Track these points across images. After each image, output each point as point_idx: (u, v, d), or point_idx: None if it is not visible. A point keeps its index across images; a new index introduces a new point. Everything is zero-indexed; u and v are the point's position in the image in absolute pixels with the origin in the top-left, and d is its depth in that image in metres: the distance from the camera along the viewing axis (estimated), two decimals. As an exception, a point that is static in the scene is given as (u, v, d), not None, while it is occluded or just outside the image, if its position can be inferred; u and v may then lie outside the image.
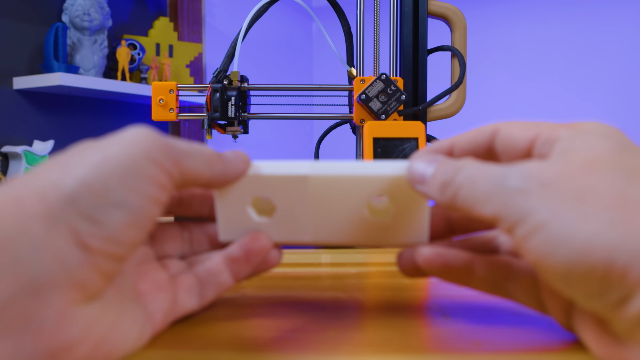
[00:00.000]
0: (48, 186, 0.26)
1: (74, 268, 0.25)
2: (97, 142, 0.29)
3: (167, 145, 0.29)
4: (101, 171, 0.27)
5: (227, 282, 0.36)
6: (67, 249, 0.25)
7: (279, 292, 0.44)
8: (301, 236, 0.36)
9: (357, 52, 0.84)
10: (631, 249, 0.25)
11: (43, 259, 0.24)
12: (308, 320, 0.36)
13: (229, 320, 0.36)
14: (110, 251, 0.26)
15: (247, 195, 0.36)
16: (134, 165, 0.27)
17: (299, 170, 0.36)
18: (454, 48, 0.84)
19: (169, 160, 0.29)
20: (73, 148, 0.29)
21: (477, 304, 0.39)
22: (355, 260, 0.62)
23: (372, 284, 0.48)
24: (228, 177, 0.34)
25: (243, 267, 0.36)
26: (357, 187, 0.36)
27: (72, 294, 0.25)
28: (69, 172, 0.27)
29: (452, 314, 0.37)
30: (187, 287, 0.35)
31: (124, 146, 0.28)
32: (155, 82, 0.79)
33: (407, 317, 0.36)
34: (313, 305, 0.40)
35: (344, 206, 0.36)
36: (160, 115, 0.79)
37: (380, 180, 0.35)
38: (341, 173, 0.35)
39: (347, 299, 0.42)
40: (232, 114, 0.78)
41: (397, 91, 0.77)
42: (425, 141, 0.75)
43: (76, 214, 0.26)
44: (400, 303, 0.41)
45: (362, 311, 0.39)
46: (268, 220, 0.36)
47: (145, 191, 0.28)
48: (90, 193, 0.26)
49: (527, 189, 0.27)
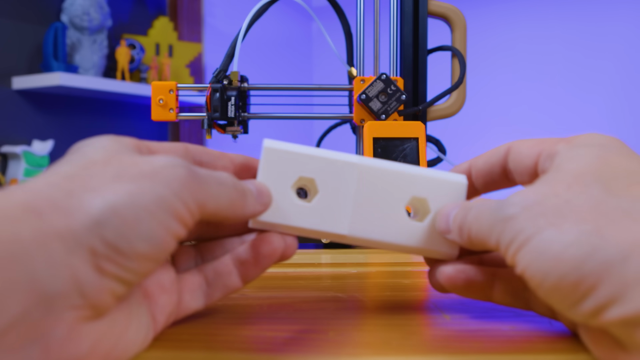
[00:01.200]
0: (74, 206, 0.26)
1: (89, 289, 0.25)
2: (125, 162, 0.29)
3: (196, 186, 0.29)
4: (134, 201, 0.26)
5: (235, 284, 0.36)
6: (84, 270, 0.25)
7: (279, 292, 0.44)
8: (337, 227, 0.36)
9: (357, 52, 0.84)
10: (602, 260, 0.26)
11: (59, 277, 0.24)
12: (308, 320, 0.36)
13: (229, 321, 0.36)
14: (125, 278, 0.26)
15: (292, 174, 0.36)
16: (165, 202, 0.27)
17: (349, 158, 0.36)
18: (454, 48, 0.84)
19: (195, 203, 0.29)
20: (93, 159, 0.29)
21: (476, 304, 0.39)
22: (355, 260, 0.62)
23: (372, 284, 0.48)
24: (243, 218, 0.34)
25: (252, 269, 0.35)
26: (401, 182, 0.36)
27: (84, 312, 0.25)
28: (98, 194, 0.26)
29: (451, 314, 0.37)
30: (193, 288, 0.35)
31: (159, 180, 0.28)
32: (154, 82, 0.79)
33: (407, 317, 0.36)
34: (313, 305, 0.40)
35: (385, 200, 0.36)
36: (159, 115, 0.79)
37: (424, 180, 0.36)
38: (389, 167, 0.36)
39: (347, 299, 0.42)
40: (232, 114, 0.78)
41: (397, 91, 0.77)
42: (425, 141, 0.75)
43: (99, 239, 0.25)
44: (400, 303, 0.41)
45: (362, 311, 0.39)
46: (307, 205, 0.36)
47: (170, 227, 0.28)
48: (119, 221, 0.26)
49: (515, 215, 0.29)
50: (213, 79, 0.79)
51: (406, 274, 0.53)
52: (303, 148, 0.36)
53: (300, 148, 0.36)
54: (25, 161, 2.01)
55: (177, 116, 0.80)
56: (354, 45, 0.86)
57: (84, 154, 0.29)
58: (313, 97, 0.82)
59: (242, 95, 0.79)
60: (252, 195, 0.34)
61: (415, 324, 0.35)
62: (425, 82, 0.85)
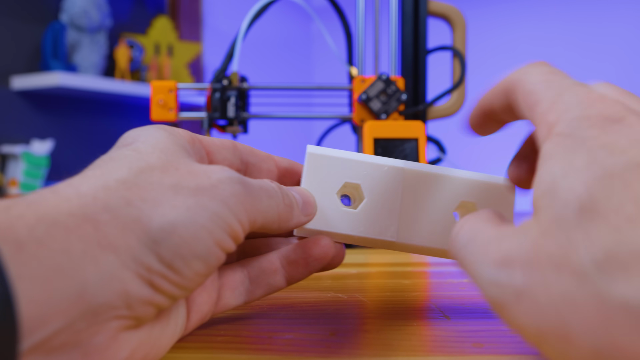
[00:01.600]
0: (132, 218, 0.25)
1: (137, 303, 0.25)
2: (183, 171, 0.28)
3: (250, 202, 0.29)
4: (192, 219, 0.26)
5: (280, 283, 0.35)
6: (136, 286, 0.25)
7: (279, 292, 0.44)
8: (384, 233, 0.35)
9: (357, 52, 0.84)
10: None
11: (109, 290, 0.24)
12: (308, 321, 0.36)
13: (228, 320, 0.36)
14: (175, 294, 0.26)
15: (338, 180, 0.35)
16: (222, 220, 0.27)
17: (395, 163, 0.35)
18: (454, 48, 0.84)
19: (247, 220, 0.29)
20: (150, 164, 0.28)
21: (478, 305, 0.39)
22: (355, 260, 0.62)
23: (372, 285, 0.48)
24: (287, 229, 0.33)
25: (299, 270, 0.35)
26: (449, 187, 0.35)
27: (127, 322, 0.25)
28: (157, 208, 0.26)
29: (452, 315, 0.37)
30: (234, 285, 0.34)
31: (216, 196, 0.27)
32: (154, 82, 0.78)
33: (408, 318, 0.36)
34: (313, 305, 0.40)
35: (433, 206, 0.35)
36: (159, 115, 0.79)
37: (473, 184, 0.35)
38: (435, 171, 0.35)
39: (347, 299, 0.42)
40: (232, 114, 0.78)
41: (397, 91, 0.77)
42: (425, 141, 0.75)
43: (155, 257, 0.25)
44: (401, 304, 0.41)
45: (362, 312, 0.39)
46: (353, 212, 0.35)
47: (224, 244, 0.27)
48: (177, 240, 0.25)
49: None
50: (213, 79, 0.79)
51: (406, 274, 0.53)
52: (346, 153, 0.35)
53: (344, 153, 0.35)
54: (24, 161, 2.01)
55: (177, 116, 0.80)
56: (354, 45, 0.86)
57: (140, 154, 0.28)
58: (313, 97, 0.82)
59: (242, 95, 0.79)
60: (298, 207, 0.33)
61: (415, 325, 0.35)
62: (425, 82, 0.85)
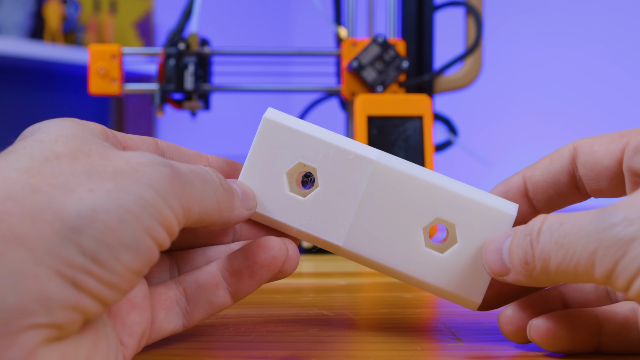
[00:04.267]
0: (46, 206, 0.25)
1: (58, 307, 0.25)
2: (96, 156, 0.28)
3: (181, 187, 0.29)
4: (116, 202, 0.26)
5: (223, 300, 0.35)
6: (54, 285, 0.25)
7: (248, 308, 0.44)
8: (330, 234, 0.36)
9: (347, 8, 0.84)
10: None
11: (23, 291, 0.24)
12: (285, 344, 0.36)
13: (185, 345, 0.35)
14: (104, 296, 0.26)
15: (290, 157, 0.35)
16: (150, 204, 0.27)
17: (365, 152, 0.35)
18: (468, 3, 0.84)
19: (180, 207, 0.29)
20: (56, 152, 0.28)
21: (495, 324, 0.39)
22: (344, 269, 0.62)
23: (365, 299, 0.48)
24: (229, 223, 0.33)
25: (245, 282, 0.35)
26: (427, 196, 0.35)
27: (47, 332, 0.25)
28: (73, 194, 0.26)
29: (465, 336, 0.37)
30: (168, 304, 0.34)
31: (138, 178, 0.27)
32: (93, 45, 0.78)
33: (410, 341, 0.36)
34: (291, 325, 0.40)
35: (400, 214, 0.35)
36: (99, 88, 0.78)
37: (458, 200, 0.35)
38: (414, 172, 0.35)
39: (334, 317, 0.42)
40: (190, 86, 0.77)
41: (397, 57, 0.77)
42: (431, 120, 0.75)
43: (77, 249, 0.25)
44: (401, 323, 0.41)
45: (352, 333, 0.39)
46: (300, 200, 0.36)
47: (156, 235, 0.27)
48: (100, 226, 0.26)
49: (637, 234, 0.27)
50: (167, 43, 0.78)
51: (408, 286, 0.53)
52: (312, 128, 0.35)
53: (308, 127, 0.35)
54: None
55: (122, 88, 0.79)
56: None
57: (43, 143, 0.29)
58: (292, 64, 0.82)
59: (202, 63, 0.79)
60: (239, 196, 0.34)
61: (420, 350, 0.35)
62: (432, 46, 0.85)
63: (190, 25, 0.79)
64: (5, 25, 2.18)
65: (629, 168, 0.33)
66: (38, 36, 2.35)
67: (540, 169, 0.36)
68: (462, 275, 0.35)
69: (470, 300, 0.35)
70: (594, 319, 0.33)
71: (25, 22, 2.24)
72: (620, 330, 0.33)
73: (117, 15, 2.54)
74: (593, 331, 0.33)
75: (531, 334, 0.33)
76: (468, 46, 0.83)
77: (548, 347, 0.33)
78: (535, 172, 0.37)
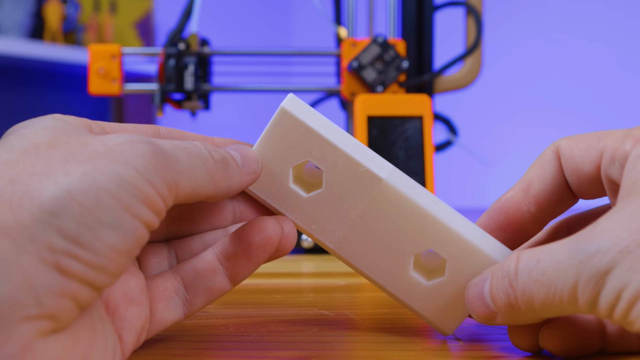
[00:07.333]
0: (23, 194, 0.25)
1: (47, 296, 0.25)
2: (73, 143, 0.28)
3: (163, 162, 0.29)
4: (92, 183, 0.26)
5: (222, 285, 0.35)
6: (40, 272, 0.25)
7: (248, 309, 0.44)
8: (325, 235, 0.36)
9: (347, 9, 0.84)
10: None
11: (9, 281, 0.24)
12: (285, 345, 0.36)
13: (185, 345, 0.36)
14: (92, 279, 0.26)
15: (301, 153, 0.35)
16: (128, 182, 0.27)
17: (377, 168, 0.35)
18: (468, 3, 0.84)
19: (164, 183, 0.29)
20: (34, 142, 0.28)
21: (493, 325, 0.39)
22: (344, 269, 0.62)
23: (365, 299, 0.48)
24: (229, 193, 0.33)
25: (242, 265, 0.35)
26: (426, 226, 0.35)
27: (41, 325, 0.25)
28: (49, 179, 0.26)
29: (465, 337, 0.37)
30: (167, 295, 0.34)
31: (115, 158, 0.27)
32: (93, 45, 0.78)
33: (410, 341, 0.36)
34: (291, 326, 0.40)
35: (394, 237, 0.36)
36: (99, 88, 0.78)
37: (455, 238, 0.35)
38: (418, 201, 0.35)
39: (333, 317, 0.42)
40: (190, 86, 0.77)
41: (397, 57, 0.77)
42: (431, 120, 0.75)
43: (57, 232, 0.25)
44: (401, 323, 0.41)
45: (353, 333, 0.39)
46: (302, 195, 0.36)
47: (138, 213, 0.27)
48: (77, 208, 0.26)
49: (612, 264, 0.28)
50: (167, 43, 0.78)
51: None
52: (326, 127, 0.35)
53: (323, 125, 0.35)
54: None
55: (122, 88, 0.79)
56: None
57: (22, 136, 0.29)
58: (292, 64, 0.82)
59: (202, 63, 0.79)
60: (236, 163, 0.33)
61: (420, 350, 0.35)
62: (432, 46, 0.85)
63: (190, 25, 0.79)
64: (5, 25, 2.18)
65: (606, 176, 0.33)
66: (38, 36, 2.35)
67: (537, 179, 0.36)
68: (440, 306, 0.36)
69: (443, 330, 0.36)
70: (598, 320, 0.34)
71: (25, 22, 2.24)
72: (623, 330, 0.34)
73: (117, 15, 2.54)
74: (599, 333, 0.33)
75: (544, 342, 0.33)
76: (468, 46, 0.83)
77: (561, 353, 0.33)
78: (532, 182, 0.37)
